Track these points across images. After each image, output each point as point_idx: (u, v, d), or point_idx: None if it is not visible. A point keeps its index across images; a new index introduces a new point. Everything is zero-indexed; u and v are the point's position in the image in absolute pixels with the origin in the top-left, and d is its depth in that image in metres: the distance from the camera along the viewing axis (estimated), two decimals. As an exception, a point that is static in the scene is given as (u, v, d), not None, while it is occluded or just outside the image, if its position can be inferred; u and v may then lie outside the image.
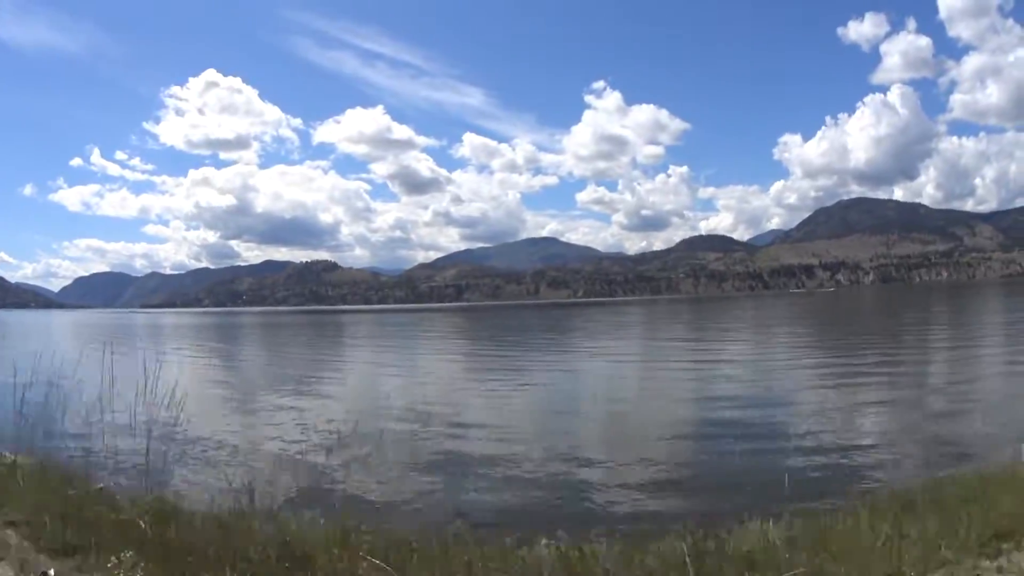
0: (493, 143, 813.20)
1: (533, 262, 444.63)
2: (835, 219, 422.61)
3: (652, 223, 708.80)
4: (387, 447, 11.28)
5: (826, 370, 20.87)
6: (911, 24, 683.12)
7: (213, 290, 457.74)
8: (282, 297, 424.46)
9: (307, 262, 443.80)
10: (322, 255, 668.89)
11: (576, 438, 12.26)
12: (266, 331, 70.46)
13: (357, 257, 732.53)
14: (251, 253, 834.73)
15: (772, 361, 24.61)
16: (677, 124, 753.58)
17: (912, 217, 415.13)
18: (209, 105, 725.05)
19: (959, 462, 9.00)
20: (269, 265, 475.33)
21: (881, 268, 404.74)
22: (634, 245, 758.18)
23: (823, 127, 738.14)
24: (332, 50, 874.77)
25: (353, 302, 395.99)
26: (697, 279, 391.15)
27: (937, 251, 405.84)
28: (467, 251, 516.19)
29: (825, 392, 16.68)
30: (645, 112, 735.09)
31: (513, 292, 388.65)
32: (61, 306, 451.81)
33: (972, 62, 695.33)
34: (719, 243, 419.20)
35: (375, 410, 15.26)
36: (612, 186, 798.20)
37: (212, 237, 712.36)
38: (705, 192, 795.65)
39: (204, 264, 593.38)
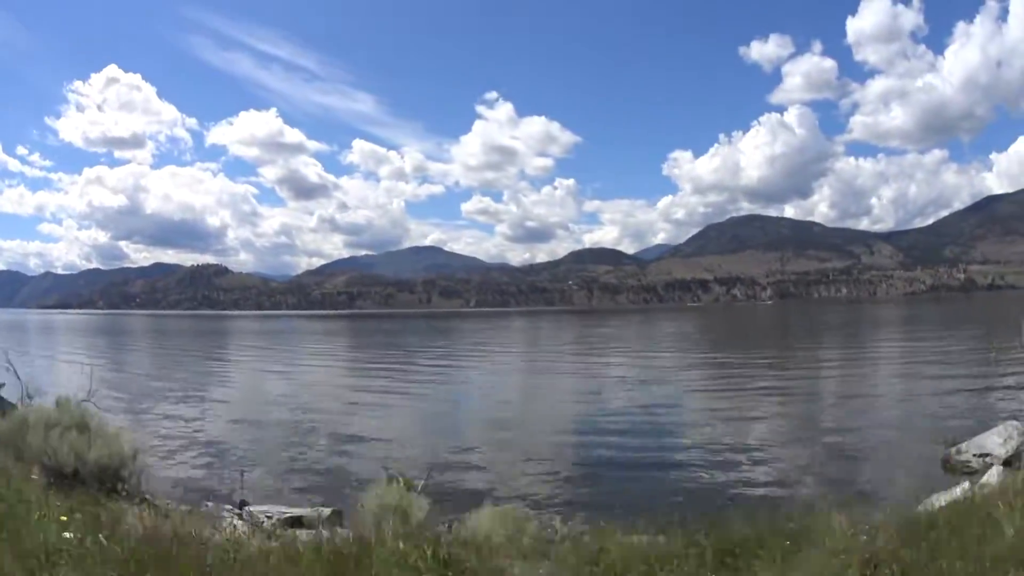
0: (382, 150, 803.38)
1: (418, 271, 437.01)
2: (727, 235, 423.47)
3: (536, 235, 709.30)
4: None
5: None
6: (817, 47, 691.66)
7: (106, 292, 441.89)
8: (175, 301, 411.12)
9: (197, 266, 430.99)
10: (208, 259, 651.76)
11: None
12: (208, 338, 69.79)
13: (242, 262, 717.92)
14: (140, 255, 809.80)
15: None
16: (568, 137, 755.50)
17: (807, 235, 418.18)
18: (109, 101, 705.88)
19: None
20: (158, 268, 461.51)
21: (779, 284, 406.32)
22: (517, 256, 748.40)
23: (716, 144, 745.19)
24: (229, 51, 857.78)
25: (245, 307, 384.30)
26: (590, 291, 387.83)
27: (834, 268, 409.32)
28: (352, 258, 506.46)
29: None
30: (536, 124, 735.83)
31: (405, 301, 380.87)
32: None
33: (877, 85, 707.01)
34: (608, 256, 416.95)
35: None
36: (498, 197, 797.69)
37: (103, 237, 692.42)
38: (591, 205, 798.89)
39: (95, 265, 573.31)
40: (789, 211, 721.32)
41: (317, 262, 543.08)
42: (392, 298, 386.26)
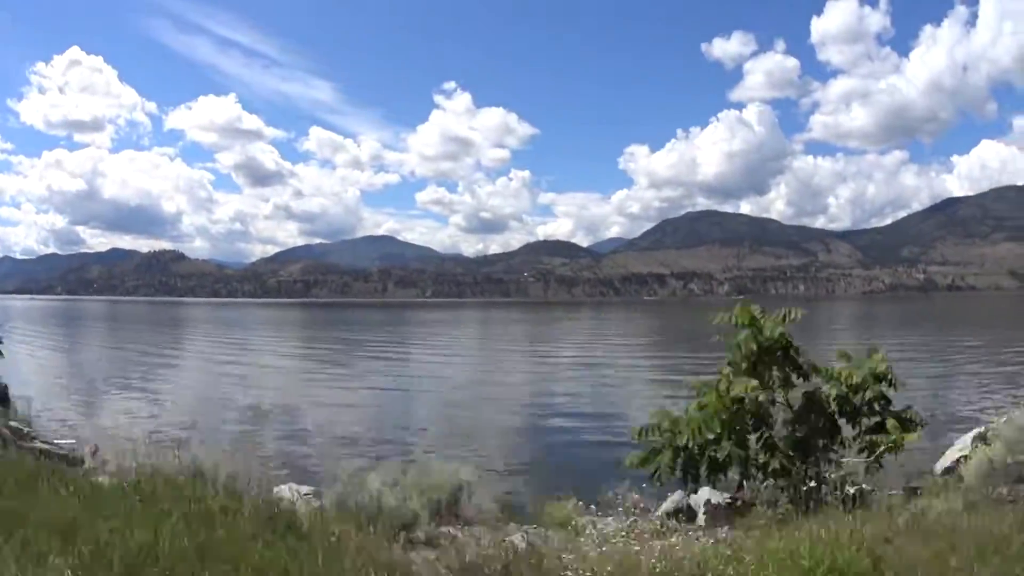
0: (339, 138, 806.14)
1: (371, 260, 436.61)
2: (683, 230, 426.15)
3: (490, 226, 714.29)
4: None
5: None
6: (780, 45, 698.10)
7: (65, 277, 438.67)
8: (132, 287, 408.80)
9: (155, 252, 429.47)
10: (163, 245, 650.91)
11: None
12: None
13: (197, 248, 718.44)
14: (97, 240, 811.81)
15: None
16: (525, 129, 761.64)
17: (763, 231, 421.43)
18: (71, 84, 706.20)
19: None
20: (115, 253, 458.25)
21: (736, 279, 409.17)
22: (471, 247, 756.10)
23: (673, 139, 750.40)
24: (190, 35, 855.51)
25: (202, 294, 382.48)
26: (546, 283, 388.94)
27: (791, 265, 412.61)
28: (306, 246, 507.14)
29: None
30: (494, 115, 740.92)
31: (362, 290, 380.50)
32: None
33: (839, 85, 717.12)
34: (563, 249, 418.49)
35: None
36: (453, 187, 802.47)
37: (60, 222, 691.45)
38: (545, 198, 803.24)
39: (52, 250, 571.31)
40: (745, 208, 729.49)
41: (271, 250, 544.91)
42: (348, 287, 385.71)
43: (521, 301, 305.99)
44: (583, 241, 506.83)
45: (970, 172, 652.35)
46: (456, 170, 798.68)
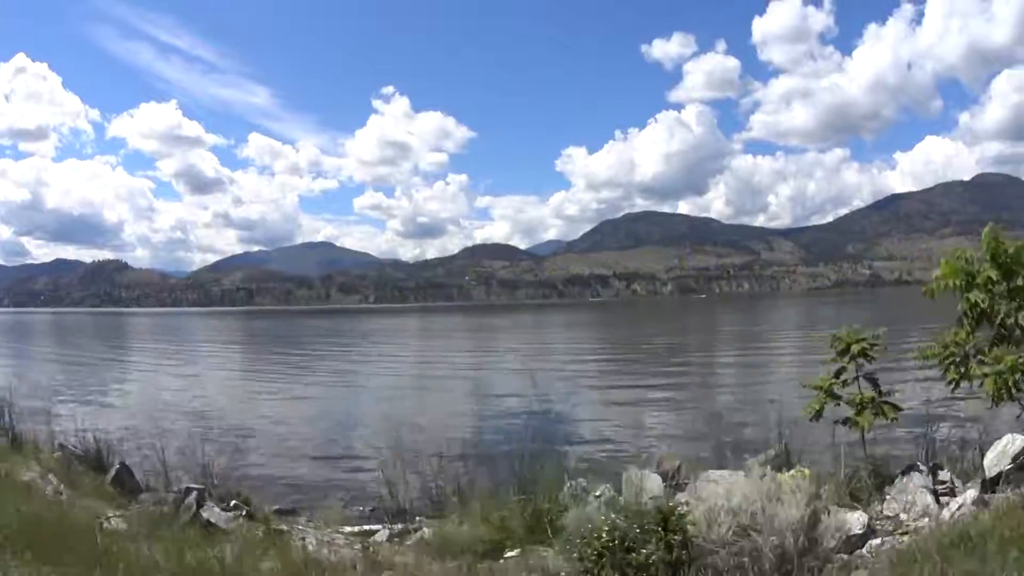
0: (277, 144, 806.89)
1: (311, 266, 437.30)
2: (622, 231, 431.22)
3: (427, 230, 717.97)
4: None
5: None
6: (720, 46, 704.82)
7: (12, 289, 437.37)
8: (79, 298, 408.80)
9: (99, 262, 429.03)
10: (106, 254, 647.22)
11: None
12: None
13: (139, 258, 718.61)
14: (41, 251, 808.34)
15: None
16: (463, 132, 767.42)
17: (704, 231, 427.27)
18: (17, 92, 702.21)
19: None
20: (60, 264, 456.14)
21: (679, 279, 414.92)
22: (408, 252, 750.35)
23: (611, 141, 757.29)
24: (131, 40, 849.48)
25: (147, 304, 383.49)
26: (489, 287, 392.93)
27: (733, 264, 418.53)
28: (246, 254, 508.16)
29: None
30: (432, 119, 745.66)
31: (304, 297, 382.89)
32: None
33: (781, 84, 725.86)
34: (503, 251, 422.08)
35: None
36: (390, 192, 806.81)
37: (6, 232, 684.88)
38: (482, 201, 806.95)
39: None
40: (684, 208, 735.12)
41: (211, 258, 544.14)
42: (291, 294, 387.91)
43: (466, 305, 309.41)
44: (520, 243, 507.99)
45: (913, 168, 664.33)
46: (394, 175, 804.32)
